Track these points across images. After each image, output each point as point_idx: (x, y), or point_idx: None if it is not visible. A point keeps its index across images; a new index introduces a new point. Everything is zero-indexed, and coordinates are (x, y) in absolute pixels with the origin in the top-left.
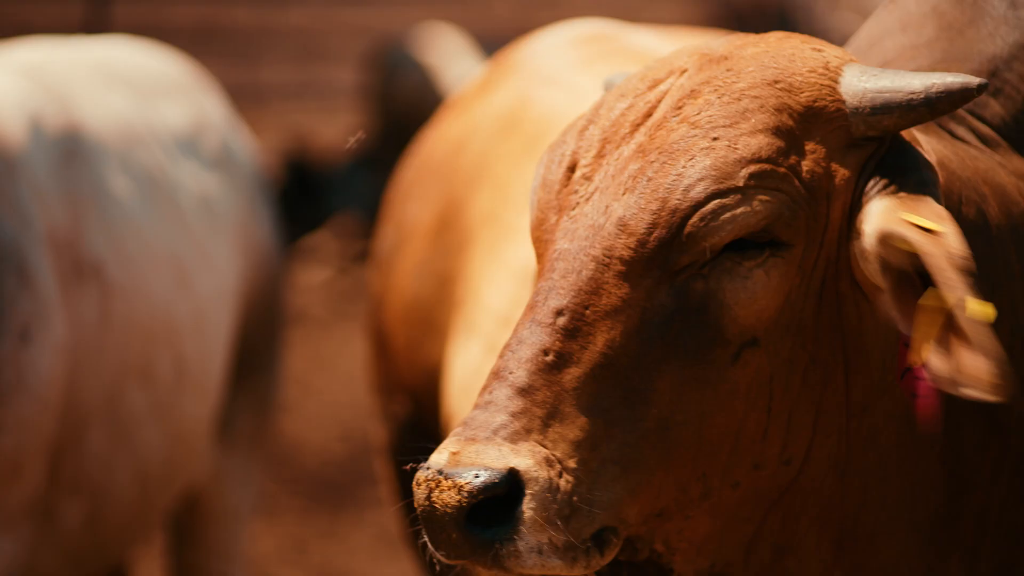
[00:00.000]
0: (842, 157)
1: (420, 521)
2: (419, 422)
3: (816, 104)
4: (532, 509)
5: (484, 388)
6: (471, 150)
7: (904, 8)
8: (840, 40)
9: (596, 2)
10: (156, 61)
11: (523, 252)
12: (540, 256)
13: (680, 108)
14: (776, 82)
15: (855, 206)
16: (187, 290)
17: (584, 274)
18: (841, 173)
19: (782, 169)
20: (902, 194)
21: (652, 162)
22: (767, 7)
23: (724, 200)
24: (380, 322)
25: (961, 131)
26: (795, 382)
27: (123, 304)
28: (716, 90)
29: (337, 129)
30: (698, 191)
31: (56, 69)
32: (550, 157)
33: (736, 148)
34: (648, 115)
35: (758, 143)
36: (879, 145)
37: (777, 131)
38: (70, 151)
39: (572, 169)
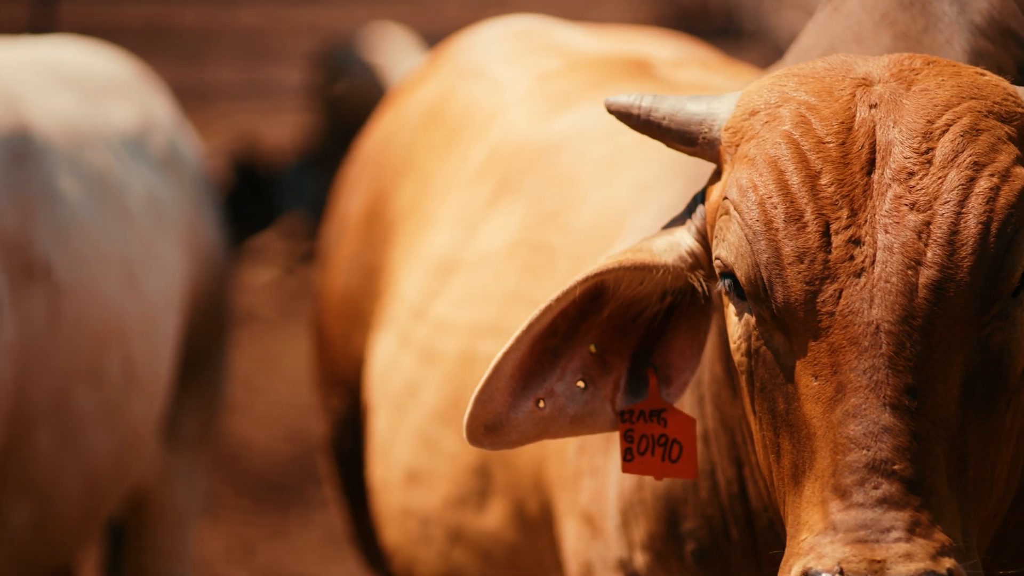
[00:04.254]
0: None
1: None
2: (357, 416)
3: (1021, 131)
4: None
5: (859, 482)
6: (398, 142)
7: (853, 17)
8: (787, 39)
9: (544, 1)
10: (103, 61)
11: (438, 243)
12: (823, 327)
13: (927, 155)
14: (990, 113)
15: None
16: (135, 291)
17: (915, 347)
18: None
19: None
20: None
21: (941, 214)
22: (713, 7)
23: (1021, 233)
24: (319, 316)
25: None
26: None
27: (72, 305)
28: (945, 130)
29: (284, 129)
30: (1007, 233)
31: (3, 69)
32: (777, 219)
33: (1014, 180)
34: (870, 160)
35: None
36: None
37: (1019, 159)
38: (19, 152)
39: (826, 233)
